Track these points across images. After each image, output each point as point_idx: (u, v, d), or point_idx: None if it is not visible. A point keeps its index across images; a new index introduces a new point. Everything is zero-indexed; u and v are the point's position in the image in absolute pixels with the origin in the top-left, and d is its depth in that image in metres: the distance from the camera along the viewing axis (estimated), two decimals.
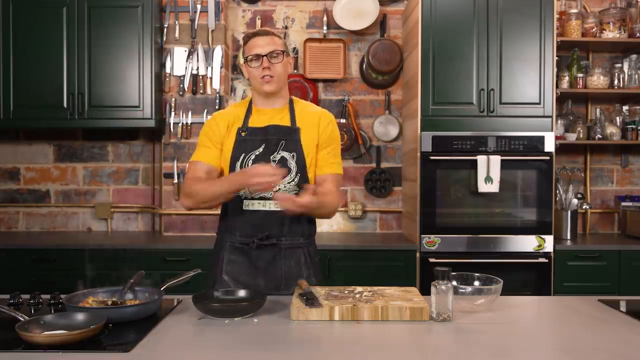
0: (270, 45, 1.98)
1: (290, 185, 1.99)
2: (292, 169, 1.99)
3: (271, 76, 1.98)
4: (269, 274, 2.00)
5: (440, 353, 1.43)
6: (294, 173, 1.99)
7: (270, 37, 2.00)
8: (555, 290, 3.30)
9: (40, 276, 3.21)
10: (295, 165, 1.99)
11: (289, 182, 1.98)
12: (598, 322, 1.67)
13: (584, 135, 3.71)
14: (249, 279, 2.00)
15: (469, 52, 3.31)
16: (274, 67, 1.98)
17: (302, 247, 2.05)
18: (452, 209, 3.36)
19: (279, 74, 2.00)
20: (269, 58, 1.97)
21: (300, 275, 2.01)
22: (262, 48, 1.98)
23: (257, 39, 2.00)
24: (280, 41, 2.03)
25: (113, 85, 3.49)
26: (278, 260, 2.01)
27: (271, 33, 2.02)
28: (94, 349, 1.40)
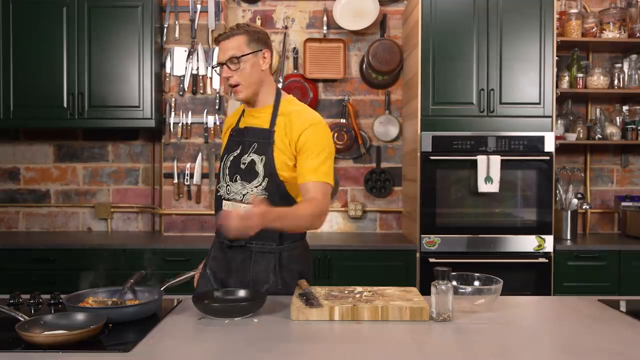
0: (229, 51, 1.88)
1: (258, 190, 1.92)
2: (260, 173, 1.91)
3: (234, 85, 1.91)
4: (239, 275, 1.97)
5: (440, 353, 1.43)
6: (261, 177, 1.91)
7: (230, 40, 1.89)
8: (555, 290, 3.30)
9: (40, 276, 3.21)
10: (263, 169, 1.91)
11: (256, 187, 1.92)
12: (598, 322, 1.67)
13: (584, 135, 3.71)
14: (225, 277, 2.00)
15: (469, 52, 3.31)
16: (235, 74, 1.89)
17: (273, 252, 1.96)
18: (452, 209, 3.36)
19: (244, 79, 1.90)
20: (228, 65, 1.89)
21: (268, 281, 1.95)
22: (221, 55, 1.91)
23: (220, 44, 1.92)
24: (241, 41, 1.89)
25: (113, 85, 3.49)
26: (247, 262, 1.96)
27: (232, 34, 1.90)
28: (94, 349, 1.40)
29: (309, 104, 3.80)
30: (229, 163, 1.98)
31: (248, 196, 1.93)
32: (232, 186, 1.96)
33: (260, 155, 1.92)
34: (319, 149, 1.90)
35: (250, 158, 1.94)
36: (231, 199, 1.97)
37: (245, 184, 1.94)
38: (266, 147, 1.92)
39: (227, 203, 1.98)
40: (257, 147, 1.94)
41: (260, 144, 1.94)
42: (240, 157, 1.97)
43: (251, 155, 1.94)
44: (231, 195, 1.97)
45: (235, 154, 1.98)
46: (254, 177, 1.92)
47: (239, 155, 1.97)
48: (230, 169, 1.98)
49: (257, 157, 1.93)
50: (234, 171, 1.97)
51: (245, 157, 1.95)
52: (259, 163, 1.92)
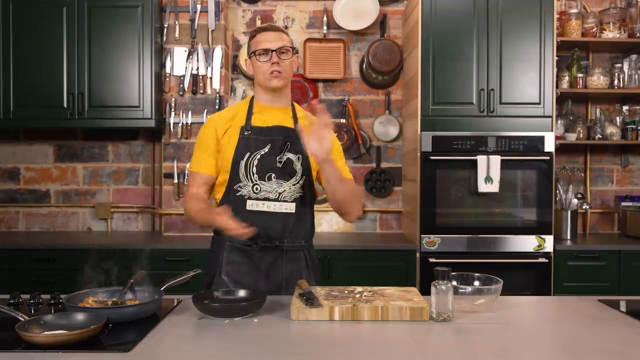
0: (279, 41, 1.97)
1: (296, 187, 1.98)
2: (298, 171, 1.98)
3: (279, 72, 1.96)
4: (270, 276, 1.99)
5: (440, 353, 1.43)
6: (299, 175, 1.98)
7: (278, 33, 1.99)
8: (555, 290, 3.30)
9: (40, 276, 3.21)
10: (301, 168, 1.98)
11: (294, 184, 1.97)
12: (598, 322, 1.67)
13: (584, 135, 3.71)
14: (250, 280, 1.97)
15: (469, 52, 3.31)
16: (282, 62, 1.96)
17: (303, 249, 2.04)
18: (452, 209, 3.36)
19: (287, 71, 1.98)
20: (278, 53, 1.95)
21: (301, 277, 2.00)
22: (271, 43, 1.96)
23: (266, 34, 1.98)
24: (288, 38, 2.02)
25: (113, 85, 3.49)
26: (280, 262, 1.99)
27: (280, 29, 2.02)
28: (94, 349, 1.40)
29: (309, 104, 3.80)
30: (256, 162, 1.95)
31: (285, 194, 1.96)
32: (264, 185, 1.95)
33: (297, 154, 1.98)
34: (341, 151, 2.12)
35: (286, 157, 1.97)
36: (261, 198, 1.96)
37: (282, 182, 1.96)
38: (301, 146, 1.92)
39: (255, 203, 1.95)
40: (291, 146, 1.98)
41: (294, 144, 1.97)
42: (272, 155, 1.96)
43: (287, 154, 1.97)
44: (261, 194, 1.95)
45: (263, 152, 1.96)
46: (292, 175, 1.97)
47: (271, 153, 1.96)
48: (260, 167, 1.95)
49: (294, 155, 1.98)
50: (267, 169, 1.95)
51: (282, 156, 1.97)
52: (297, 162, 1.98)
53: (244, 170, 1.96)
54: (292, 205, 1.98)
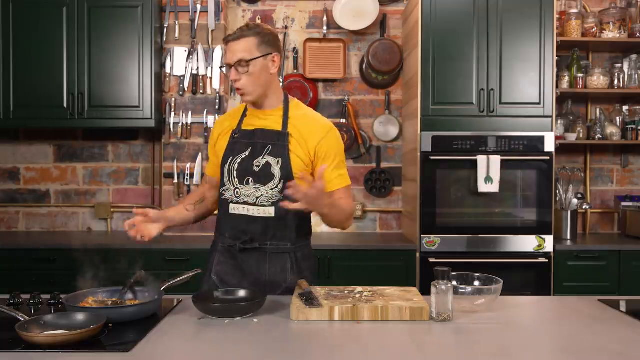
0: (238, 53, 1.85)
1: (274, 192, 1.92)
2: (276, 175, 1.91)
3: (242, 89, 1.89)
4: (254, 277, 1.96)
5: (440, 353, 1.43)
6: (277, 179, 1.91)
7: (240, 42, 1.85)
8: (555, 290, 3.30)
9: (40, 276, 3.21)
10: (280, 172, 1.91)
11: (271, 189, 1.91)
12: (598, 322, 1.67)
13: (584, 135, 3.71)
14: (234, 281, 1.97)
15: (469, 52, 3.31)
16: (243, 77, 1.86)
17: (289, 252, 1.97)
18: (452, 209, 3.36)
19: (251, 83, 1.88)
20: (236, 67, 1.86)
21: (285, 280, 1.97)
22: (229, 57, 1.87)
23: (228, 45, 1.88)
24: (251, 44, 1.86)
25: (113, 85, 3.49)
26: (262, 264, 1.96)
27: (242, 35, 1.86)
28: (94, 349, 1.40)
29: (309, 104, 3.80)
30: (236, 165, 1.94)
31: (262, 199, 1.92)
32: (243, 189, 1.94)
33: (276, 157, 1.91)
34: (340, 155, 1.97)
35: (265, 160, 1.92)
36: (241, 202, 1.95)
37: (259, 187, 1.92)
38: (282, 149, 1.91)
39: (236, 207, 1.96)
40: (272, 149, 1.92)
41: (275, 146, 1.92)
42: (251, 159, 1.93)
43: (266, 157, 1.92)
44: (241, 199, 1.95)
45: (243, 156, 1.94)
46: (270, 179, 1.91)
47: (250, 157, 1.94)
48: (239, 172, 1.94)
49: (273, 159, 1.91)
50: (245, 174, 1.94)
51: (260, 160, 1.92)
52: (275, 165, 1.91)
53: (227, 174, 1.97)
54: (270, 209, 1.92)
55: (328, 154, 1.94)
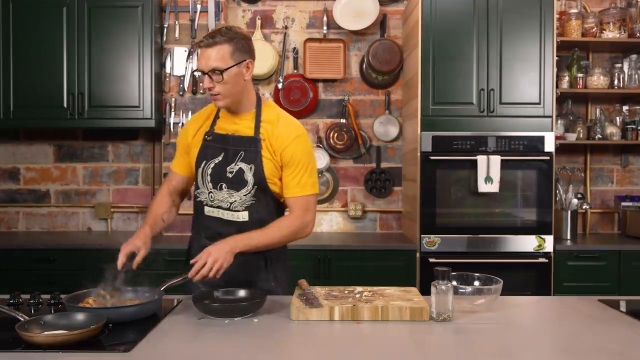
0: (212, 61, 1.82)
1: (247, 197, 1.93)
2: (249, 182, 1.92)
3: (215, 94, 1.87)
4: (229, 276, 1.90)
5: (440, 353, 1.43)
6: (250, 185, 1.92)
7: (214, 49, 1.82)
8: (555, 290, 3.30)
9: (40, 276, 3.21)
10: (253, 178, 1.92)
11: (245, 195, 1.93)
12: (598, 322, 1.67)
13: (584, 135, 3.71)
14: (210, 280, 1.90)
15: (469, 52, 3.31)
16: (217, 85, 1.84)
17: (262, 252, 1.97)
18: (452, 209, 3.36)
19: (225, 90, 1.86)
20: (210, 75, 1.84)
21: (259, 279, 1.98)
22: (203, 63, 1.84)
23: (202, 50, 1.84)
24: (225, 52, 1.83)
25: (113, 85, 3.49)
26: (237, 264, 1.92)
27: (216, 42, 1.82)
28: (94, 349, 1.40)
29: (309, 104, 3.80)
30: (210, 170, 1.95)
31: (236, 204, 1.94)
32: (217, 194, 1.95)
33: (249, 163, 1.92)
34: (304, 161, 1.94)
35: (238, 167, 1.93)
36: (215, 207, 1.97)
37: (233, 192, 1.94)
38: (254, 155, 1.92)
39: (211, 210, 1.98)
40: (245, 155, 1.92)
41: (247, 152, 1.93)
42: (225, 165, 1.94)
43: (239, 163, 1.92)
44: (215, 203, 1.96)
45: (217, 161, 1.95)
46: (243, 185, 1.93)
47: (224, 163, 1.94)
48: (213, 177, 1.95)
49: (246, 165, 1.92)
50: (218, 179, 1.94)
51: (233, 166, 1.93)
52: (248, 172, 1.92)
53: (201, 178, 1.98)
54: (244, 214, 1.95)
55: (292, 161, 1.93)
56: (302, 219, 1.95)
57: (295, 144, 1.93)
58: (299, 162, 1.93)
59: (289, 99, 3.81)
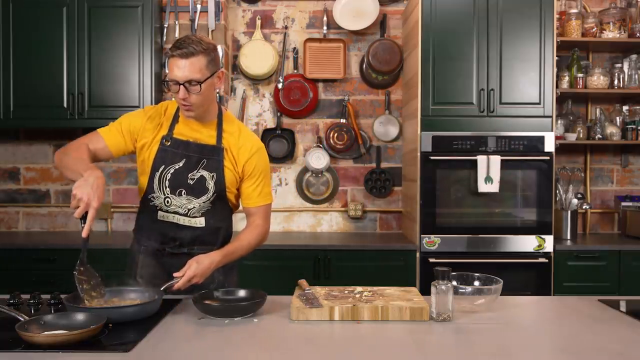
0: (189, 72, 1.80)
1: (205, 204, 1.96)
2: (210, 190, 1.94)
3: (189, 105, 1.86)
4: None
5: (440, 353, 1.43)
6: (210, 193, 1.94)
7: (190, 60, 1.80)
8: (555, 290, 3.30)
9: (40, 276, 3.21)
10: (214, 186, 1.94)
11: (204, 202, 1.95)
12: (598, 322, 1.67)
13: (584, 135, 3.71)
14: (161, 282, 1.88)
15: (469, 52, 3.31)
16: (191, 96, 1.83)
17: None
18: (452, 209, 3.36)
19: (198, 103, 1.86)
20: (186, 86, 1.82)
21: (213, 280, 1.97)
22: (179, 73, 1.81)
23: (177, 60, 1.81)
24: (202, 63, 1.81)
25: (113, 85, 3.49)
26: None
27: (192, 54, 1.80)
28: (94, 349, 1.40)
29: (309, 104, 3.81)
30: (169, 176, 1.94)
31: (194, 211, 1.96)
32: (175, 199, 1.95)
33: (211, 172, 1.94)
34: (264, 173, 2.03)
35: (199, 174, 1.94)
36: (171, 212, 1.97)
37: (192, 199, 1.95)
38: (217, 164, 1.94)
39: (165, 215, 1.98)
40: (207, 163, 1.94)
41: (210, 161, 1.94)
42: (185, 171, 1.93)
43: (201, 171, 1.94)
44: (171, 208, 1.96)
45: (177, 167, 1.94)
46: (203, 193, 1.95)
47: (184, 170, 1.93)
48: (172, 182, 1.94)
49: (208, 173, 1.94)
50: (178, 185, 1.94)
51: (195, 173, 1.94)
52: (210, 180, 1.94)
53: (158, 182, 1.96)
54: (201, 220, 1.98)
55: (254, 173, 2.00)
56: (266, 227, 2.06)
57: (257, 156, 2.00)
58: (260, 173, 2.01)
59: (289, 99, 3.81)
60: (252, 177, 2.00)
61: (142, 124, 1.99)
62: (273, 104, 3.89)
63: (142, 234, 2.07)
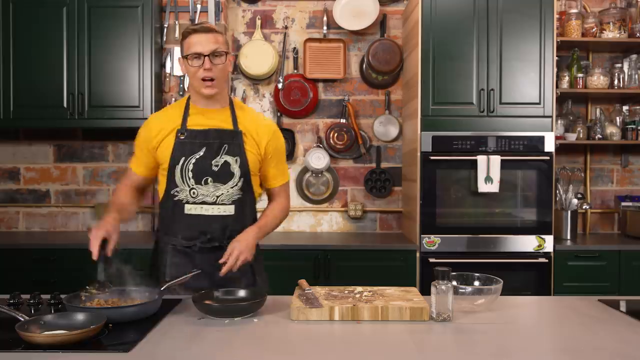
0: (212, 44, 1.89)
1: (234, 190, 1.96)
2: (235, 174, 1.95)
3: (212, 79, 1.90)
4: (213, 277, 1.92)
5: (440, 353, 1.43)
6: (237, 178, 1.95)
7: (212, 35, 1.91)
8: (555, 290, 3.30)
9: (40, 276, 3.21)
10: (239, 170, 1.95)
11: (231, 187, 1.95)
12: (598, 322, 1.67)
13: (584, 135, 3.71)
14: (192, 281, 1.90)
15: (469, 52, 3.31)
16: (215, 67, 1.90)
17: None
18: (452, 209, 3.36)
19: (220, 76, 1.93)
20: (210, 58, 1.88)
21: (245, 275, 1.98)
22: (203, 46, 1.88)
23: (198, 35, 1.90)
24: (222, 39, 1.94)
25: (113, 85, 3.49)
26: None
27: (213, 30, 1.93)
28: (94, 349, 1.40)
29: (309, 104, 3.81)
30: (192, 166, 1.94)
31: (223, 197, 1.96)
32: (201, 189, 1.94)
33: (234, 156, 1.96)
34: (282, 152, 2.12)
35: (223, 159, 1.95)
36: (199, 202, 1.95)
37: (219, 186, 1.95)
38: (238, 148, 1.96)
39: (193, 207, 1.96)
40: (229, 148, 1.95)
41: (231, 145, 1.96)
42: (208, 159, 1.94)
43: (224, 156, 1.95)
44: (198, 199, 1.95)
45: (198, 156, 1.94)
46: (229, 178, 1.95)
47: (207, 157, 1.94)
48: (196, 172, 1.94)
49: (231, 158, 1.95)
50: (202, 173, 1.94)
51: (218, 159, 1.94)
52: (234, 164, 1.95)
53: (180, 175, 1.95)
54: (230, 208, 1.97)
55: (275, 153, 2.06)
56: (288, 203, 2.16)
57: (276, 136, 2.06)
58: (280, 153, 2.09)
59: (289, 99, 3.81)
60: (273, 158, 2.05)
61: (148, 131, 2.03)
62: (273, 104, 3.89)
63: (169, 232, 2.02)
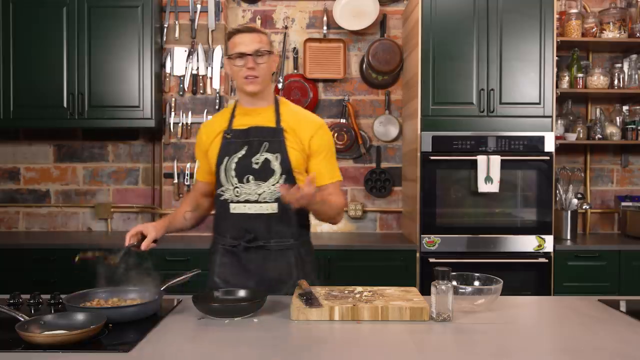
0: (256, 44, 1.93)
1: (275, 188, 1.95)
2: (276, 171, 1.95)
3: (255, 76, 1.94)
4: (259, 276, 1.96)
5: (440, 353, 1.43)
6: (278, 175, 1.95)
7: (256, 35, 1.95)
8: (555, 290, 3.30)
9: (40, 276, 3.21)
10: (280, 167, 1.95)
11: (273, 184, 1.95)
12: (598, 322, 1.67)
13: (584, 135, 3.71)
14: (240, 281, 1.96)
15: (469, 52, 3.31)
16: (258, 67, 1.93)
17: (292, 248, 2.00)
18: (452, 209, 3.36)
19: (264, 74, 1.96)
20: (254, 57, 1.93)
21: (291, 277, 1.99)
22: (247, 46, 1.93)
23: (242, 36, 1.95)
24: (266, 39, 1.98)
25: (113, 85, 3.49)
26: (267, 262, 1.97)
27: (257, 30, 1.97)
28: (94, 349, 1.40)
29: (309, 104, 3.80)
30: (234, 165, 1.96)
31: (265, 195, 1.95)
32: (243, 187, 1.96)
33: (275, 153, 1.95)
34: (332, 150, 2.05)
35: (263, 157, 1.95)
36: (242, 201, 1.97)
37: (261, 183, 1.95)
38: (279, 144, 1.95)
39: (237, 206, 1.97)
40: (269, 145, 1.96)
41: (272, 143, 1.96)
42: (249, 157, 1.96)
43: (264, 154, 1.95)
44: (242, 197, 1.96)
45: (240, 155, 1.96)
46: (270, 175, 1.95)
47: (248, 156, 1.96)
48: (238, 170, 1.96)
49: (272, 155, 1.95)
50: (244, 172, 1.95)
51: (258, 157, 1.95)
52: (275, 161, 1.95)
53: (224, 174, 1.98)
54: (273, 206, 1.96)
55: (320, 149, 2.00)
56: (342, 203, 2.04)
57: (321, 132, 2.02)
58: (327, 150, 2.02)
59: (289, 99, 3.77)
60: (319, 154, 2.00)
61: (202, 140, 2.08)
62: None
63: (219, 232, 2.07)
